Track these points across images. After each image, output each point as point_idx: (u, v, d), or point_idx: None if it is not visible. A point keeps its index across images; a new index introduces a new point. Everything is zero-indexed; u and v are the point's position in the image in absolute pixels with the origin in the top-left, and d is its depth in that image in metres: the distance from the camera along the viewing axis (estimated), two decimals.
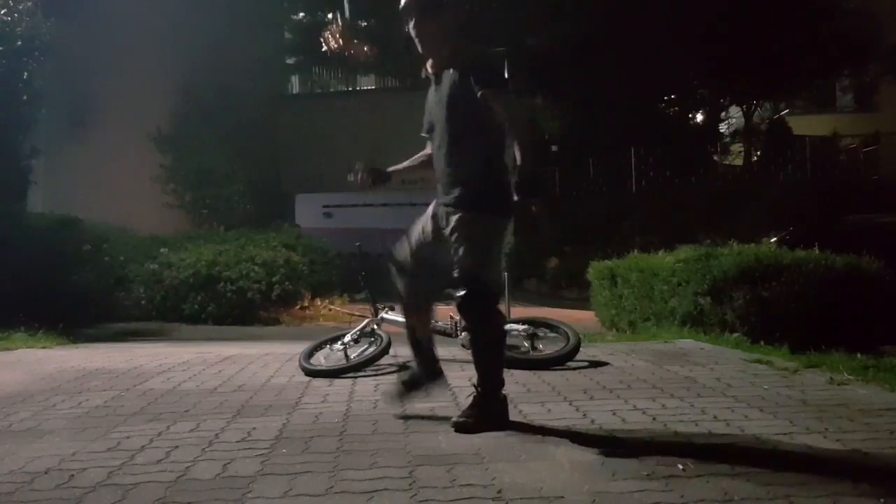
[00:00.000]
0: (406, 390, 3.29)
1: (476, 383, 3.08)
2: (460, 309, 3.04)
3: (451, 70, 3.07)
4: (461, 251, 2.98)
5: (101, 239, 10.78)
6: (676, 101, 24.44)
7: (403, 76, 23.50)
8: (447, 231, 3.05)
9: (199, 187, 16.45)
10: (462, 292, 2.98)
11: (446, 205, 3.07)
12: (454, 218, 3.01)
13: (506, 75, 3.17)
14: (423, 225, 3.20)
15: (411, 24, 3.11)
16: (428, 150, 3.36)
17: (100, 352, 6.06)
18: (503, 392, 3.09)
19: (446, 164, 3.09)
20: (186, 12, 15.55)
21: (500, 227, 3.04)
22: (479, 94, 2.97)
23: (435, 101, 3.18)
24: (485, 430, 2.91)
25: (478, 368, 3.09)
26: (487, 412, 3.00)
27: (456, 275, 2.99)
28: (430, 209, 3.20)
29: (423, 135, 3.32)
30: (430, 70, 3.20)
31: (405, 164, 3.47)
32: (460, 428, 2.95)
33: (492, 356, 3.08)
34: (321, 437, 2.90)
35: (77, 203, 11.81)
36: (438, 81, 3.15)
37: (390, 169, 3.46)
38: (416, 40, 3.13)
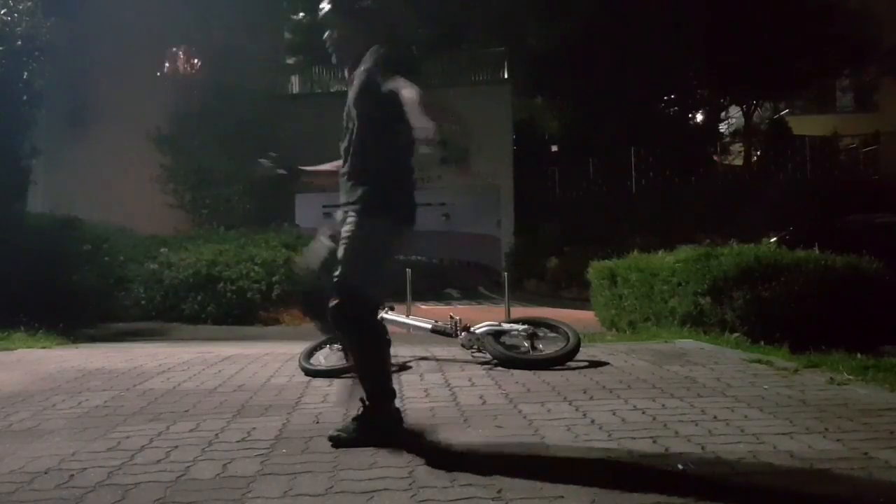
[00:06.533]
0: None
1: (361, 396, 2.84)
2: (331, 318, 2.79)
3: (360, 69, 2.84)
4: (342, 255, 2.77)
5: (101, 239, 10.79)
6: (676, 101, 24.47)
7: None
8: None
9: (199, 187, 16.45)
10: (334, 301, 2.74)
11: (345, 205, 2.87)
12: (349, 220, 2.81)
13: (410, 68, 2.85)
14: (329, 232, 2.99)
15: (327, 35, 2.94)
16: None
17: (100, 352, 6.06)
18: (395, 406, 2.89)
19: (348, 164, 2.89)
20: (186, 13, 15.56)
21: (389, 232, 2.82)
22: (385, 89, 2.65)
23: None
24: (363, 444, 2.72)
25: (360, 380, 2.87)
26: (370, 426, 2.78)
27: (334, 279, 2.76)
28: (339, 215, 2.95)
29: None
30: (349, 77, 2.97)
31: (320, 167, 3.23)
32: (335, 442, 2.76)
33: (371, 367, 2.84)
34: (321, 437, 2.90)
35: (77, 203, 11.80)
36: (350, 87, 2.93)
37: (303, 167, 3.26)
38: (332, 51, 2.95)
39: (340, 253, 2.78)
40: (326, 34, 2.95)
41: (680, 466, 2.45)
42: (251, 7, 16.95)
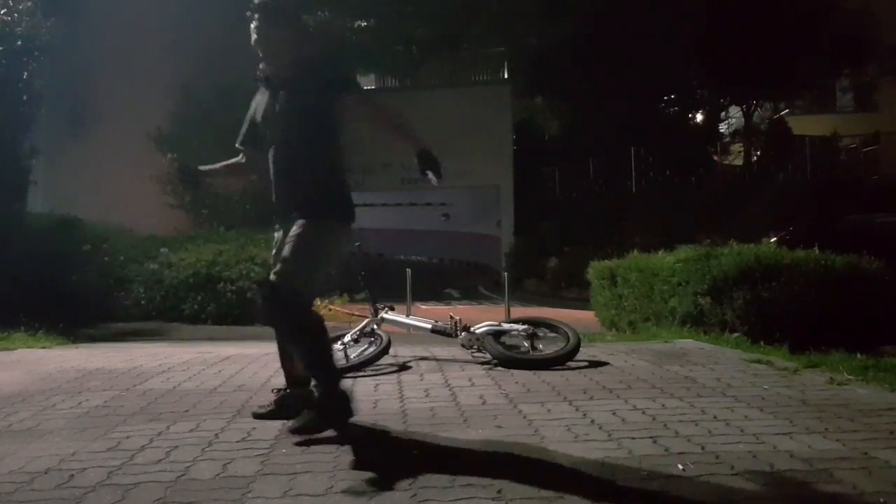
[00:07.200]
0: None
1: (312, 385, 2.97)
2: (265, 313, 2.92)
3: (297, 79, 3.01)
4: (287, 254, 2.89)
5: (101, 239, 10.78)
6: (676, 101, 24.46)
7: (403, 76, 23.55)
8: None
9: (200, 187, 16.43)
10: (262, 299, 2.89)
11: (293, 212, 2.97)
12: (297, 224, 2.93)
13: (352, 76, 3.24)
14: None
15: (253, 27, 3.08)
16: (241, 158, 3.41)
17: (100, 352, 6.05)
18: (342, 386, 2.92)
19: (290, 172, 3.02)
20: (186, 12, 15.55)
21: (333, 233, 2.97)
22: (339, 100, 2.97)
23: (271, 110, 3.10)
24: (324, 428, 2.83)
25: (307, 369, 3.01)
26: (327, 409, 2.86)
27: (271, 277, 2.89)
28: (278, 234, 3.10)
29: (238, 146, 3.36)
30: (263, 75, 3.15)
31: (216, 166, 3.49)
32: (296, 431, 2.84)
33: (313, 355, 2.92)
34: (321, 437, 2.90)
35: (77, 203, 11.81)
36: (275, 89, 3.09)
37: (201, 168, 3.51)
38: (256, 45, 3.09)
39: (286, 252, 2.90)
40: (254, 38, 3.10)
41: (680, 467, 2.45)
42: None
